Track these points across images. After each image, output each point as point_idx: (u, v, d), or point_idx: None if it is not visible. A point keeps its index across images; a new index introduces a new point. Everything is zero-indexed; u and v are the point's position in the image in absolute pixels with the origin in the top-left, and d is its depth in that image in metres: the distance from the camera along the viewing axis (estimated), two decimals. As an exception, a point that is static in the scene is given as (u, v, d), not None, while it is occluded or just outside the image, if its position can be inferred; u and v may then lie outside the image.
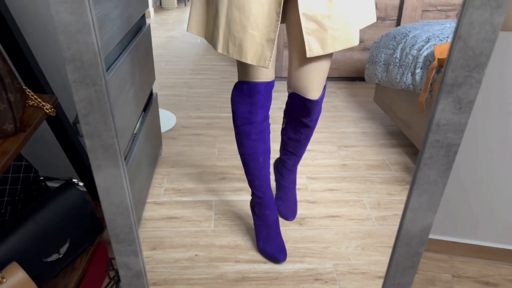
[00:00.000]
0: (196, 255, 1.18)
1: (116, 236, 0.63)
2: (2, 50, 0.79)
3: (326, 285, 1.10)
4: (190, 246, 1.21)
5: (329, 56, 0.94)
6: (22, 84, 0.75)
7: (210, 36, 0.87)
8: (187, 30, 0.93)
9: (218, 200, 1.43)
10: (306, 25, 0.82)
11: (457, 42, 0.44)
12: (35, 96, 0.69)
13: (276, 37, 0.81)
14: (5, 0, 0.75)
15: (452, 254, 1.39)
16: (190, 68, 2.52)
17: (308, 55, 0.85)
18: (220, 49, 0.83)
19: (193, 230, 1.29)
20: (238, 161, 1.64)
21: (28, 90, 0.68)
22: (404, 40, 1.57)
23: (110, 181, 0.57)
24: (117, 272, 0.94)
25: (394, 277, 0.60)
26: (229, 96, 2.27)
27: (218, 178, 1.55)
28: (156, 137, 1.49)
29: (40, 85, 0.70)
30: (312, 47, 0.84)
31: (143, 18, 1.36)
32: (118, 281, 0.90)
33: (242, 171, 1.59)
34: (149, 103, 1.41)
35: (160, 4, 4.18)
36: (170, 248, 1.21)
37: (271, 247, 1.15)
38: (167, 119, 1.84)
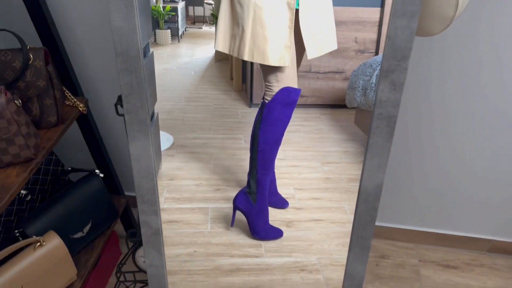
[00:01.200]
0: (194, 251, 1.33)
1: (142, 197, 0.81)
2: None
3: (311, 274, 1.25)
4: (189, 244, 1.35)
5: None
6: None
7: (237, 49, 1.08)
8: (215, 47, 1.15)
9: (214, 207, 1.58)
10: (306, 37, 1.08)
11: (388, 41, 0.65)
12: (72, 97, 0.87)
13: (291, 44, 1.06)
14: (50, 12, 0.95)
15: (418, 242, 1.55)
16: (185, 96, 2.72)
17: (309, 58, 1.12)
18: (246, 57, 1.06)
19: (191, 232, 1.43)
20: (231, 175, 1.81)
21: (66, 91, 0.87)
22: (379, 67, 1.80)
23: (141, 149, 0.76)
24: (121, 269, 1.08)
25: (358, 230, 0.77)
26: (222, 120, 2.47)
27: (213, 189, 1.71)
28: (156, 153, 1.67)
29: (75, 88, 0.89)
30: (312, 52, 1.11)
31: (148, 45, 1.58)
32: (135, 251, 1.04)
33: (235, 183, 1.76)
34: (152, 119, 1.60)
35: (155, 40, 4.44)
36: (171, 246, 1.35)
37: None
38: (165, 139, 2.02)
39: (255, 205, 1.34)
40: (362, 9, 1.66)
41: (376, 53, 2.60)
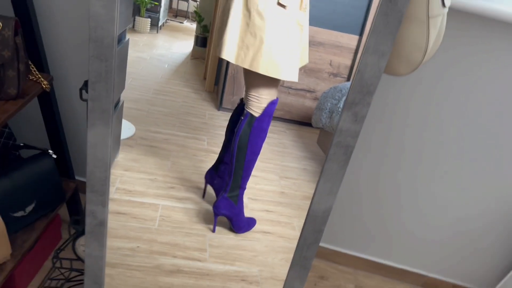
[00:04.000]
0: (138, 246, 1.31)
1: (92, 186, 0.80)
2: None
3: (250, 285, 1.27)
4: (133, 238, 1.34)
5: None
6: (27, 60, 0.91)
7: (249, 60, 1.05)
8: (220, 55, 1.10)
9: (165, 205, 1.58)
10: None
11: (357, 75, 0.68)
12: (37, 72, 0.86)
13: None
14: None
15: (358, 268, 1.60)
16: (154, 88, 2.70)
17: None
18: (260, 69, 1.03)
19: (138, 226, 1.42)
20: (188, 175, 1.81)
21: (32, 65, 0.85)
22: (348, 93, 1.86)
23: (99, 138, 0.75)
24: (58, 255, 1.05)
25: (302, 250, 0.80)
26: (188, 118, 2.46)
27: (168, 187, 1.70)
28: (115, 141, 1.65)
29: (41, 63, 0.87)
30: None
31: (125, 31, 1.56)
32: (75, 239, 1.03)
33: (191, 184, 1.76)
34: (117, 107, 1.58)
35: (133, 27, 4.37)
36: (114, 238, 1.33)
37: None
38: (127, 128, 1.99)
39: (236, 205, 1.35)
40: (341, 34, 1.70)
41: (348, 79, 2.67)
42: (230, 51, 1.06)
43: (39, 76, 0.85)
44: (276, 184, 1.92)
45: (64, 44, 1.28)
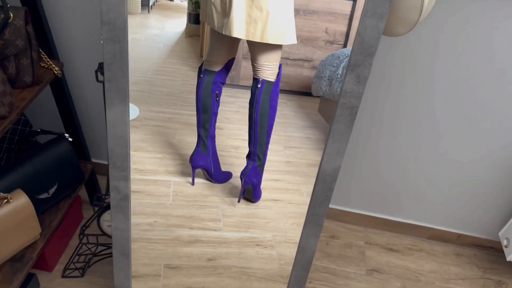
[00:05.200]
0: (155, 221, 1.37)
1: (113, 163, 0.85)
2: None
3: (265, 249, 1.33)
4: (150, 214, 1.39)
5: None
6: (37, 48, 0.94)
7: (259, 33, 1.08)
8: (231, 34, 1.12)
9: (176, 181, 1.62)
10: None
11: (358, 37, 0.72)
12: (48, 59, 0.89)
13: None
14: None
15: (366, 226, 1.66)
16: (153, 68, 2.71)
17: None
18: (271, 39, 1.08)
19: (153, 203, 1.47)
20: (195, 151, 1.85)
21: (43, 53, 0.88)
22: (346, 59, 1.88)
23: (117, 116, 0.80)
24: (84, 232, 1.10)
25: (314, 207, 0.85)
26: (190, 96, 2.49)
27: (177, 164, 1.74)
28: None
29: (51, 50, 0.90)
30: None
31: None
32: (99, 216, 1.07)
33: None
34: (122, 89, 1.61)
35: (125, 9, 4.31)
36: (133, 215, 1.38)
37: None
38: (131, 110, 2.02)
39: (261, 173, 1.40)
40: (335, 0, 1.70)
41: (345, 45, 2.68)
42: (239, 29, 1.08)
43: (50, 63, 0.89)
44: (281, 154, 1.96)
45: (71, 30, 1.29)
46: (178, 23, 1.99)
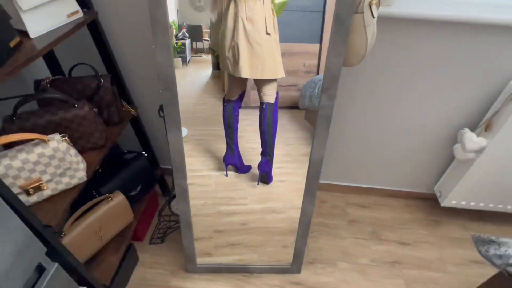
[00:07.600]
0: (205, 202, 1.37)
1: (176, 169, 0.86)
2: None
3: (279, 214, 1.33)
4: (201, 198, 1.39)
5: None
6: (119, 99, 0.96)
7: (260, 72, 1.10)
8: (240, 75, 1.14)
9: (216, 175, 1.61)
10: None
11: (326, 70, 0.72)
12: (127, 105, 0.91)
13: None
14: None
15: (345, 192, 1.64)
16: (193, 102, 2.72)
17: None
18: (270, 76, 1.10)
19: (202, 190, 1.46)
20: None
21: (124, 102, 0.90)
22: (319, 82, 1.87)
23: (175, 137, 0.81)
24: (161, 214, 1.11)
25: (309, 184, 0.85)
26: (219, 118, 2.47)
27: (215, 163, 1.74)
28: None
29: (128, 100, 0.92)
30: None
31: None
32: (169, 202, 1.09)
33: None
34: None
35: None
36: (190, 199, 1.38)
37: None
38: (182, 131, 2.03)
39: (271, 164, 1.39)
40: (307, 44, 1.70)
41: (317, 73, 2.66)
42: (246, 71, 1.12)
43: (129, 107, 0.91)
44: (282, 150, 1.96)
45: (141, 85, 1.33)
46: (206, 71, 2.01)
